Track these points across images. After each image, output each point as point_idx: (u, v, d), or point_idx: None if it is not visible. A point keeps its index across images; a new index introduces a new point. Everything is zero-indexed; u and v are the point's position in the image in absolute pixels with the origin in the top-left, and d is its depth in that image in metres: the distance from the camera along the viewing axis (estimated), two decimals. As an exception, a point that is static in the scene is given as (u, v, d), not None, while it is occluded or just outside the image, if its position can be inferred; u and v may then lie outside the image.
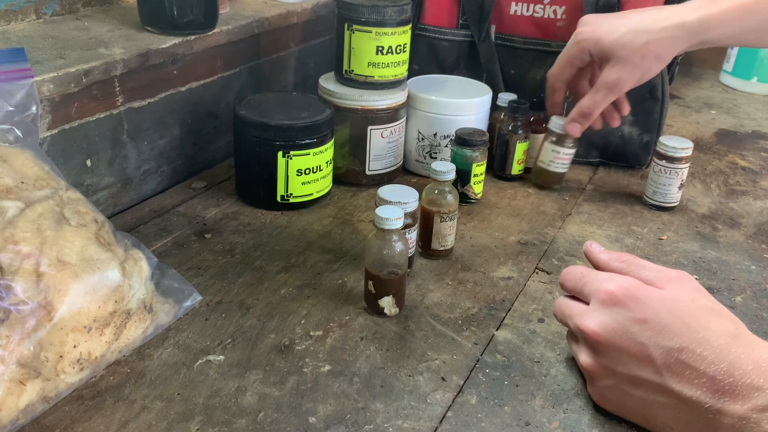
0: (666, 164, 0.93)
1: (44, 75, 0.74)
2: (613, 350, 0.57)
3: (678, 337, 0.54)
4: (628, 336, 0.56)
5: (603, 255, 0.64)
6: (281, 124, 0.85)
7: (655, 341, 0.55)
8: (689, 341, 0.54)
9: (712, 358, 0.53)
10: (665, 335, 0.55)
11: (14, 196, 0.61)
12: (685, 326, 0.54)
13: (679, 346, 0.54)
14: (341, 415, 0.58)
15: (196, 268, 0.77)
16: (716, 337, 0.53)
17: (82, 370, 0.58)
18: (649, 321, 0.55)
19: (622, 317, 0.57)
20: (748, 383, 0.51)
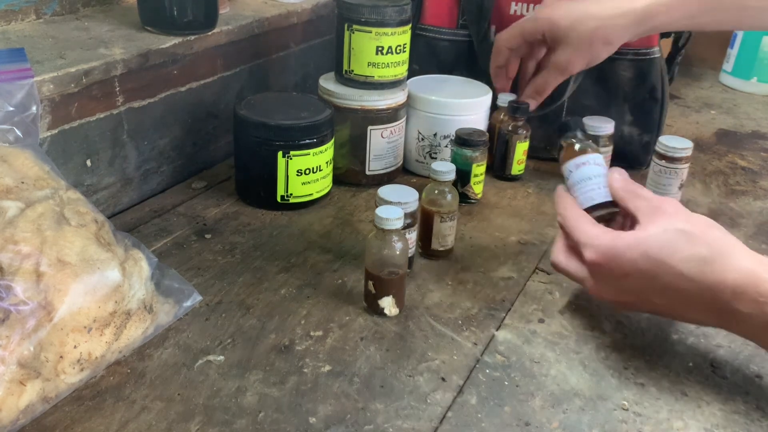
0: (666, 164, 0.93)
1: (44, 75, 0.74)
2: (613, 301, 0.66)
3: (659, 278, 0.61)
4: (622, 290, 0.64)
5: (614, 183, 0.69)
6: (281, 124, 0.85)
7: (644, 288, 0.62)
8: (670, 278, 0.60)
9: (693, 291, 0.60)
10: (648, 281, 0.61)
11: (14, 196, 0.61)
12: (662, 265, 0.60)
13: (663, 287, 0.61)
14: (341, 416, 0.58)
15: (196, 268, 0.77)
16: (690, 268, 0.59)
17: (83, 370, 0.58)
18: (631, 274, 0.62)
19: (609, 279, 0.64)
20: (731, 309, 0.58)
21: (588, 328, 0.71)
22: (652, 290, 0.62)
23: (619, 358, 0.67)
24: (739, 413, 0.61)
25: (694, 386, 0.64)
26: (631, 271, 0.62)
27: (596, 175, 0.70)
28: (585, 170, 0.71)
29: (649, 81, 1.02)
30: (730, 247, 0.60)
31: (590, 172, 0.71)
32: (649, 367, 0.66)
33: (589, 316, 0.73)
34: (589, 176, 0.70)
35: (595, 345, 0.69)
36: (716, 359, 0.68)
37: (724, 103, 1.43)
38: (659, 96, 1.03)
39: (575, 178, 0.71)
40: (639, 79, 1.02)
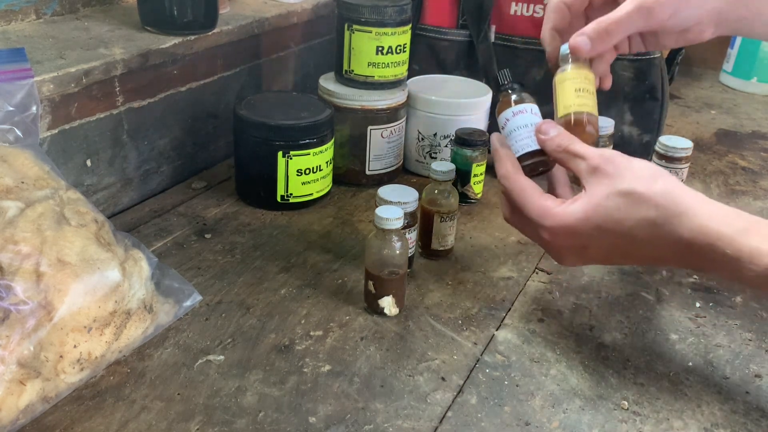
0: (666, 164, 0.93)
1: (44, 75, 0.74)
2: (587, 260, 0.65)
3: (618, 245, 0.60)
4: (585, 257, 0.64)
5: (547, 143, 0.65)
6: (281, 124, 0.85)
7: (605, 254, 0.62)
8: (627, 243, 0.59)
9: (654, 250, 0.59)
10: (608, 248, 0.61)
11: (14, 196, 0.61)
12: (617, 234, 0.59)
13: (624, 251, 0.61)
14: (341, 415, 0.58)
15: (196, 268, 0.77)
16: (643, 232, 0.58)
17: (82, 370, 0.58)
18: (590, 245, 0.62)
19: (569, 250, 0.63)
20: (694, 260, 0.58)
21: (588, 328, 0.71)
22: (614, 254, 0.62)
23: (619, 358, 0.67)
24: (738, 413, 0.61)
25: (694, 386, 0.64)
26: (588, 243, 0.61)
27: (532, 123, 0.68)
28: (521, 118, 0.69)
29: (649, 81, 1.02)
30: (678, 204, 0.58)
31: (526, 120, 0.68)
32: (649, 367, 0.66)
33: (588, 315, 0.73)
34: (525, 124, 0.68)
35: (595, 345, 0.69)
36: (716, 359, 0.68)
37: (724, 103, 1.43)
38: (659, 96, 1.03)
39: (511, 126, 0.69)
40: (639, 79, 1.02)
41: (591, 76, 0.69)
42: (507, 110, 0.70)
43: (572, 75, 0.69)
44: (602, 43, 0.69)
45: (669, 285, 0.79)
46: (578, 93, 0.67)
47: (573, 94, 0.68)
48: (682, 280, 0.80)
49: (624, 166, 0.60)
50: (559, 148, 0.64)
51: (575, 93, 0.68)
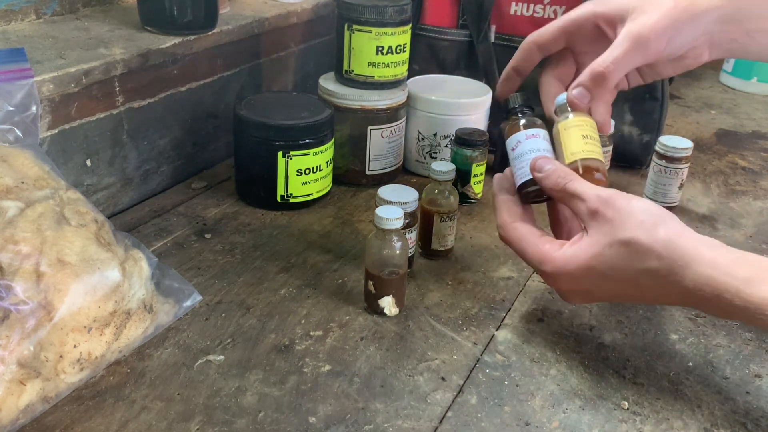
0: (666, 164, 0.93)
1: (44, 75, 0.74)
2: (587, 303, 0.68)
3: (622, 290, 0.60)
4: (592, 299, 0.65)
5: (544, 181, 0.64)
6: (281, 124, 0.85)
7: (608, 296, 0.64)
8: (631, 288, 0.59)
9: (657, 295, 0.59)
10: (611, 292, 0.61)
11: (14, 196, 0.61)
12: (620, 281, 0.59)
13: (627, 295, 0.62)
14: (341, 415, 0.58)
15: (196, 268, 0.77)
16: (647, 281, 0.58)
17: (82, 370, 0.58)
18: (593, 290, 0.62)
19: (574, 292, 0.64)
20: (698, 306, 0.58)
21: (588, 328, 0.71)
22: (621, 297, 0.63)
23: (619, 358, 0.67)
24: (738, 413, 0.61)
25: (694, 386, 0.64)
26: (591, 288, 0.61)
27: (545, 149, 0.67)
28: (534, 142, 0.67)
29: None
30: (681, 255, 0.56)
31: (538, 145, 0.67)
32: (649, 367, 0.66)
33: (589, 315, 0.73)
34: (537, 149, 0.67)
35: (595, 345, 0.69)
36: (716, 359, 0.68)
37: (724, 103, 1.43)
38: (659, 96, 1.03)
39: (522, 149, 0.68)
40: (639, 79, 1.02)
41: (594, 123, 0.67)
42: (519, 133, 0.69)
43: (578, 122, 0.67)
44: (601, 89, 0.66)
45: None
46: (585, 140, 0.66)
47: (581, 140, 0.65)
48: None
49: (625, 211, 0.58)
50: (556, 186, 0.63)
51: (583, 140, 0.66)
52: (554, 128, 0.69)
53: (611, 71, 0.65)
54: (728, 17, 0.66)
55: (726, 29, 0.67)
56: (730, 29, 0.67)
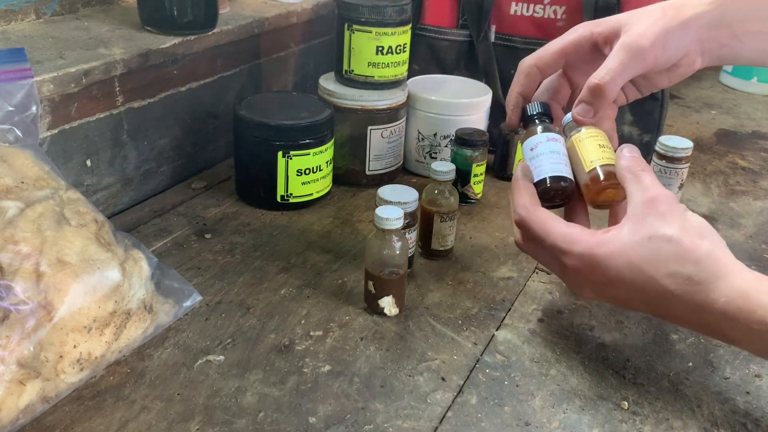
0: (666, 164, 0.93)
1: (44, 75, 0.74)
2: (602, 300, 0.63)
3: (644, 290, 0.57)
4: (604, 295, 0.61)
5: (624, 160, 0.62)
6: (281, 124, 0.85)
7: (629, 297, 0.59)
8: (655, 292, 0.56)
9: (680, 307, 0.56)
10: (633, 291, 0.58)
11: (14, 196, 0.61)
12: (647, 278, 0.56)
13: (648, 298, 0.57)
14: (341, 415, 0.58)
15: (196, 268, 0.77)
16: (677, 285, 0.55)
17: (82, 370, 0.58)
18: (615, 283, 0.58)
19: (590, 284, 0.60)
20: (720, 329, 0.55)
21: (588, 329, 0.71)
22: (636, 299, 0.59)
23: (619, 358, 0.67)
24: (738, 413, 0.61)
25: (693, 386, 0.64)
26: (614, 280, 0.58)
27: (564, 153, 0.67)
28: (555, 145, 0.67)
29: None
30: (720, 267, 0.55)
31: (559, 148, 0.67)
32: (649, 367, 0.66)
33: (589, 315, 0.73)
34: (558, 151, 0.67)
35: (595, 345, 0.69)
36: (716, 359, 0.68)
37: (725, 103, 1.43)
38: (659, 96, 1.03)
39: (543, 149, 0.67)
40: (639, 79, 1.02)
41: (606, 134, 0.67)
42: (541, 134, 0.68)
43: (592, 133, 0.66)
44: (602, 101, 0.66)
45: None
46: (602, 148, 0.65)
47: (598, 149, 0.65)
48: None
49: (677, 210, 0.57)
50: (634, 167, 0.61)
51: (600, 148, 0.65)
52: (567, 144, 0.68)
53: (607, 82, 0.65)
54: (715, 22, 0.66)
55: (715, 34, 0.66)
56: (718, 34, 0.66)
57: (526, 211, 0.63)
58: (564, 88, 0.73)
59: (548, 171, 0.66)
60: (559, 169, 0.66)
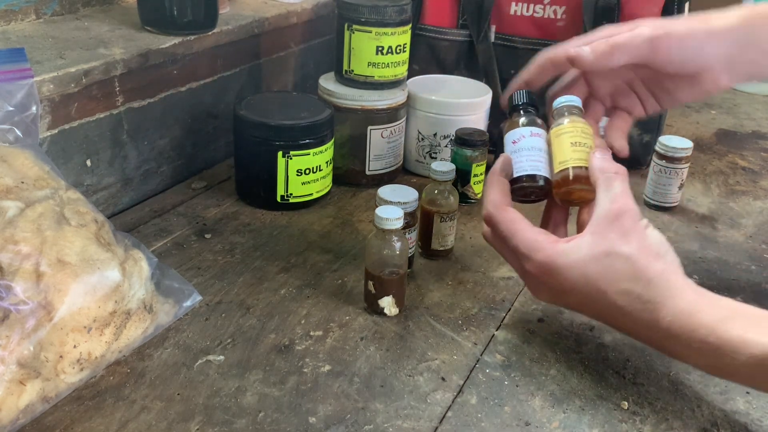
0: (666, 164, 0.93)
1: (44, 75, 0.74)
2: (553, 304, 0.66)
3: (596, 303, 0.60)
4: (559, 300, 0.64)
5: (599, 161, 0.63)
6: (281, 124, 0.85)
7: (579, 305, 0.62)
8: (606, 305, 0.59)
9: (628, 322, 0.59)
10: (585, 301, 0.61)
11: (14, 196, 0.61)
12: (600, 293, 0.59)
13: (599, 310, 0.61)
14: (341, 415, 0.58)
15: (196, 268, 0.77)
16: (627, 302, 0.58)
17: (82, 370, 0.58)
18: (569, 292, 0.61)
19: (546, 289, 0.63)
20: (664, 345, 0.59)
21: (588, 328, 0.71)
22: (589, 309, 0.62)
23: (619, 358, 0.67)
24: (738, 413, 0.61)
25: (693, 386, 0.64)
26: (569, 289, 0.60)
27: (545, 150, 0.68)
28: (537, 141, 0.68)
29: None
30: (669, 287, 0.57)
31: (541, 144, 0.68)
32: (649, 367, 0.66)
33: (589, 316, 0.73)
34: (539, 147, 0.67)
35: (595, 345, 0.69)
36: (716, 359, 0.68)
37: (724, 103, 1.43)
38: (659, 96, 1.03)
39: (525, 144, 0.68)
40: (639, 79, 1.02)
41: (588, 129, 0.67)
42: (525, 128, 0.69)
43: (569, 128, 0.67)
44: (603, 58, 0.67)
45: (669, 285, 0.79)
46: (575, 147, 0.65)
47: (569, 148, 0.65)
48: (682, 280, 0.80)
49: (639, 230, 0.59)
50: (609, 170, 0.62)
51: (572, 147, 0.66)
52: (548, 133, 0.69)
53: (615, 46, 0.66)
54: (745, 38, 0.66)
55: (744, 51, 0.66)
56: (748, 50, 0.66)
57: (495, 209, 0.64)
58: (579, 88, 0.73)
59: (526, 168, 0.67)
60: (538, 167, 0.67)
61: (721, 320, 0.55)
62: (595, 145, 0.66)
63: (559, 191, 0.66)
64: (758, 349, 0.52)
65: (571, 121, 0.67)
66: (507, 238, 0.63)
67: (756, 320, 0.55)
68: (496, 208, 0.64)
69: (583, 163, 0.64)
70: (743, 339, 0.53)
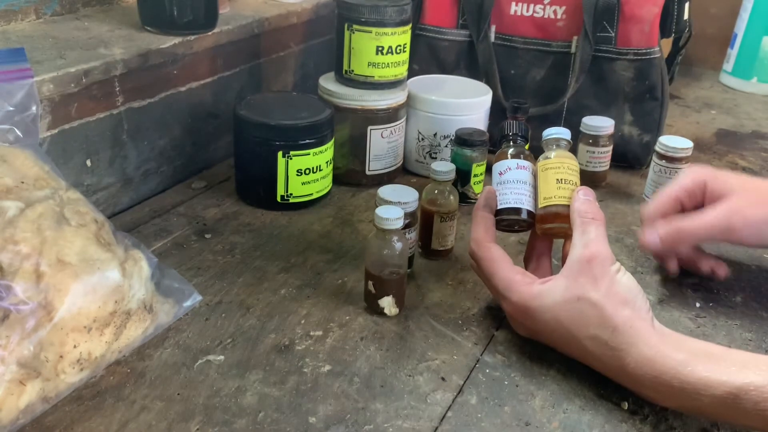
0: (666, 164, 0.93)
1: (44, 75, 0.74)
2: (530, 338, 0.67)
3: (568, 344, 0.63)
4: (535, 336, 0.66)
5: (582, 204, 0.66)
6: (281, 124, 0.85)
7: (552, 342, 0.65)
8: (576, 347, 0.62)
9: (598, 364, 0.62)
10: (558, 340, 0.64)
11: (14, 196, 0.61)
12: (570, 336, 0.62)
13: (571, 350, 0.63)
14: (341, 415, 0.58)
15: (196, 268, 0.77)
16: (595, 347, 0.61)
17: (82, 370, 0.58)
18: (542, 331, 0.64)
19: (524, 326, 0.66)
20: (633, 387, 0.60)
21: (588, 328, 0.71)
22: (562, 348, 0.65)
23: (619, 358, 0.67)
24: (739, 413, 0.61)
25: (694, 386, 0.64)
26: (543, 330, 0.64)
27: (530, 183, 0.71)
28: (523, 174, 0.71)
29: (649, 81, 1.02)
30: (633, 334, 0.59)
31: (526, 177, 0.71)
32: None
33: (589, 316, 0.73)
34: (524, 180, 0.71)
35: (595, 345, 0.69)
36: (716, 359, 0.68)
37: (725, 103, 1.43)
38: (659, 96, 1.03)
39: (510, 177, 0.71)
40: (639, 79, 1.02)
41: (575, 165, 0.70)
42: (511, 160, 0.72)
43: (556, 163, 0.69)
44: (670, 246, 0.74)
45: (669, 285, 0.79)
46: (559, 185, 0.68)
47: (554, 185, 0.68)
48: (683, 280, 0.80)
49: (609, 277, 0.61)
50: (588, 214, 0.65)
51: (556, 184, 0.68)
52: (536, 165, 0.72)
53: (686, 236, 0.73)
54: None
55: None
56: None
57: (477, 247, 0.68)
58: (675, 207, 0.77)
59: (510, 201, 0.70)
60: (521, 200, 0.70)
61: (684, 363, 0.56)
62: (578, 183, 0.69)
63: (542, 226, 0.69)
64: (720, 389, 0.54)
65: (558, 156, 0.70)
66: (487, 276, 0.67)
67: (716, 360, 0.57)
68: (478, 246, 0.68)
69: (566, 201, 0.67)
70: (705, 381, 0.55)
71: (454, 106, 0.97)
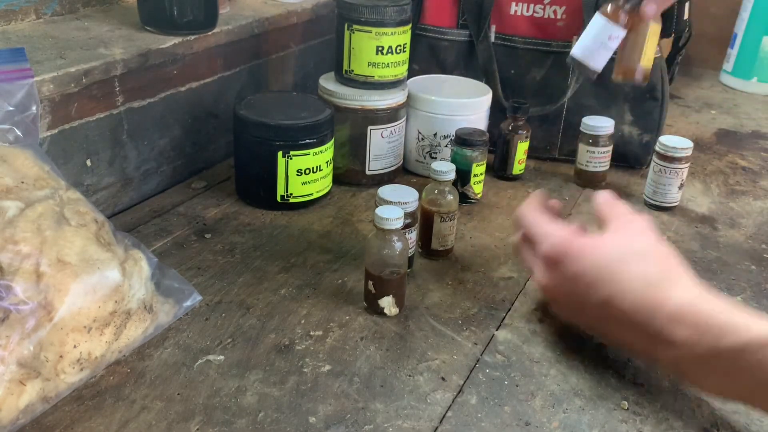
0: (666, 164, 0.93)
1: (44, 75, 0.74)
2: (559, 300, 0.66)
3: (603, 288, 0.61)
4: (566, 290, 0.64)
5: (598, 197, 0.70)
6: (281, 124, 0.85)
7: (587, 293, 0.62)
8: (612, 290, 0.60)
9: (631, 309, 0.59)
10: (593, 287, 0.61)
11: (14, 196, 0.61)
12: (609, 276, 0.60)
13: (603, 299, 0.60)
14: (341, 415, 0.58)
15: (196, 268, 0.77)
16: (634, 286, 0.59)
17: (82, 370, 0.58)
18: (580, 275, 0.62)
19: (558, 275, 0.64)
20: (663, 334, 0.58)
21: (588, 328, 0.71)
22: (592, 299, 0.62)
23: (619, 358, 0.67)
24: (739, 413, 0.61)
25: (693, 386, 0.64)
26: (578, 273, 0.62)
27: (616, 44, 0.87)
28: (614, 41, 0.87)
29: (649, 81, 1.02)
30: (677, 276, 0.60)
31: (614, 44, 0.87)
32: (649, 367, 0.66)
33: (589, 316, 0.73)
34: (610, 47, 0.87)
35: (595, 345, 0.69)
36: (716, 359, 0.68)
37: (725, 103, 1.43)
38: (659, 96, 1.03)
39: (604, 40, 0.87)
40: (639, 79, 1.02)
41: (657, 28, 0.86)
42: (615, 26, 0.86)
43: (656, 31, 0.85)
44: None
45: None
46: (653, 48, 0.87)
47: (653, 50, 0.87)
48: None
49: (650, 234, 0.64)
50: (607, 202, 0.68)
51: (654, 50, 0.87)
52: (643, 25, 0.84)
53: None
54: None
55: None
56: None
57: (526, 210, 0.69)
58: None
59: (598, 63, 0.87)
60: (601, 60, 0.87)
61: (727, 307, 0.57)
62: None
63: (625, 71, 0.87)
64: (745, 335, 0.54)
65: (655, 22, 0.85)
66: (529, 227, 0.68)
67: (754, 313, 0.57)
68: (524, 208, 0.70)
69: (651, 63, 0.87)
70: (747, 322, 0.55)
71: (454, 106, 0.97)
